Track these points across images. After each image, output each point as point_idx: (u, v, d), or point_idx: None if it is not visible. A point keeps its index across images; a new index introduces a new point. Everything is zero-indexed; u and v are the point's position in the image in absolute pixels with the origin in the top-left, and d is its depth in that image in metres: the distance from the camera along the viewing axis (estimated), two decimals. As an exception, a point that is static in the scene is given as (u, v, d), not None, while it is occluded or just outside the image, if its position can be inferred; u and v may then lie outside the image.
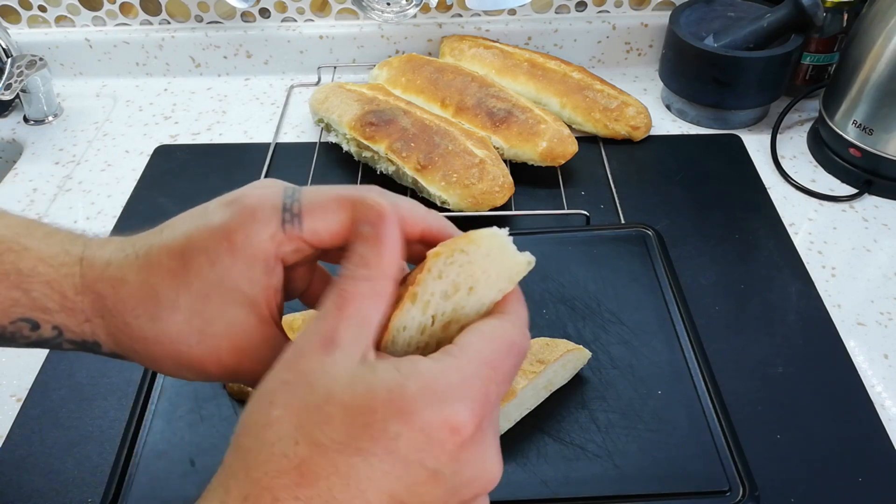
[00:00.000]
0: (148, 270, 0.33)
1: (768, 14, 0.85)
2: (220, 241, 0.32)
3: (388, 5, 0.92)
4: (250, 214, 0.32)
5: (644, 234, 0.71)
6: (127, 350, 0.34)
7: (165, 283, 0.32)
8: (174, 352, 0.33)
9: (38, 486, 0.54)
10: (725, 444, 0.54)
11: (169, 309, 0.32)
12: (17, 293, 0.32)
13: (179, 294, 0.32)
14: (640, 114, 0.87)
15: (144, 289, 0.32)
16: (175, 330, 0.32)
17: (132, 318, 0.33)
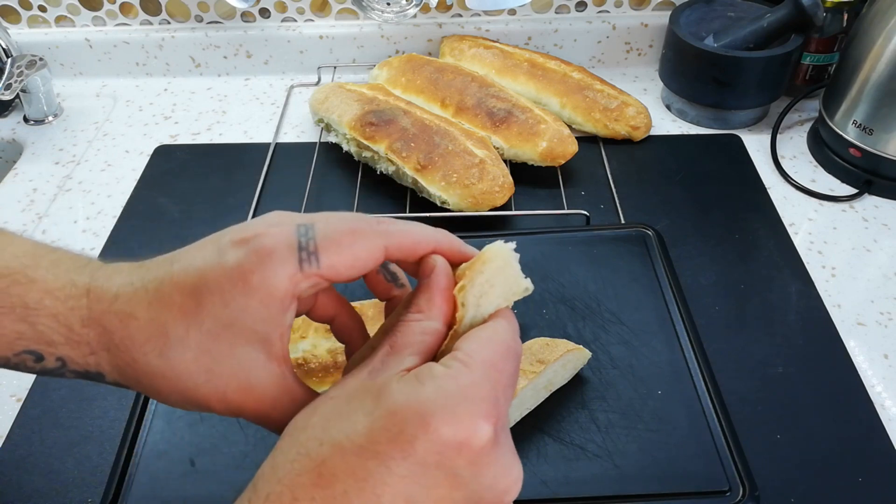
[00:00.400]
0: (158, 307, 0.32)
1: (768, 14, 0.85)
2: (236, 282, 0.32)
3: (388, 5, 0.92)
4: (267, 255, 0.32)
5: (644, 234, 0.71)
6: (131, 382, 0.33)
7: (176, 320, 0.32)
8: (181, 388, 0.32)
9: (38, 486, 0.54)
10: (725, 444, 0.54)
11: (178, 347, 0.32)
12: (22, 326, 0.32)
13: (190, 332, 0.32)
14: (640, 114, 0.87)
15: (154, 325, 0.32)
16: (183, 367, 0.32)
17: (140, 353, 0.32)
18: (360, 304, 0.61)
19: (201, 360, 0.32)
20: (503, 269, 0.36)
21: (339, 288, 0.39)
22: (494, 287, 0.36)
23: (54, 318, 0.32)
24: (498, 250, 0.36)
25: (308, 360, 0.57)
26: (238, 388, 0.33)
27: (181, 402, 0.33)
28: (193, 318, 0.32)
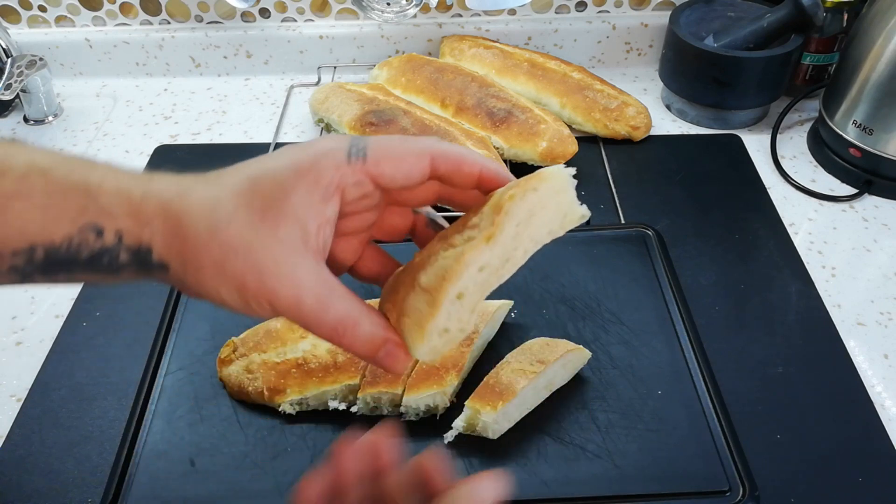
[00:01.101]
0: (214, 185, 0.34)
1: (768, 14, 0.85)
2: (288, 170, 0.33)
3: (388, 5, 0.92)
4: (320, 151, 0.34)
5: (644, 234, 0.71)
6: (175, 257, 0.33)
7: (228, 197, 0.33)
8: (220, 260, 0.33)
9: (38, 486, 0.54)
10: (725, 444, 0.54)
11: (226, 218, 0.33)
12: (86, 200, 0.32)
13: (239, 208, 0.33)
14: (640, 114, 0.87)
15: (207, 199, 0.33)
16: (226, 238, 0.33)
17: (189, 221, 0.33)
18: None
19: (245, 235, 0.32)
20: (559, 192, 0.35)
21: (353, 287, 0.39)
22: (547, 209, 0.34)
23: (116, 191, 0.33)
24: (556, 172, 0.34)
25: (308, 360, 0.57)
26: (274, 270, 0.33)
27: (217, 281, 0.33)
28: (244, 196, 0.33)
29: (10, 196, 0.32)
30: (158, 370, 0.60)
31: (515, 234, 0.33)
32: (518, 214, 0.33)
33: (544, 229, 0.35)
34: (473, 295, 0.33)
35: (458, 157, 0.35)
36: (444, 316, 0.32)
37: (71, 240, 0.32)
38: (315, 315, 0.33)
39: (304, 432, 0.56)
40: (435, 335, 0.33)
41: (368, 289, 0.62)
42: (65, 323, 0.67)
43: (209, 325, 0.64)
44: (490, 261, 0.33)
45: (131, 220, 0.33)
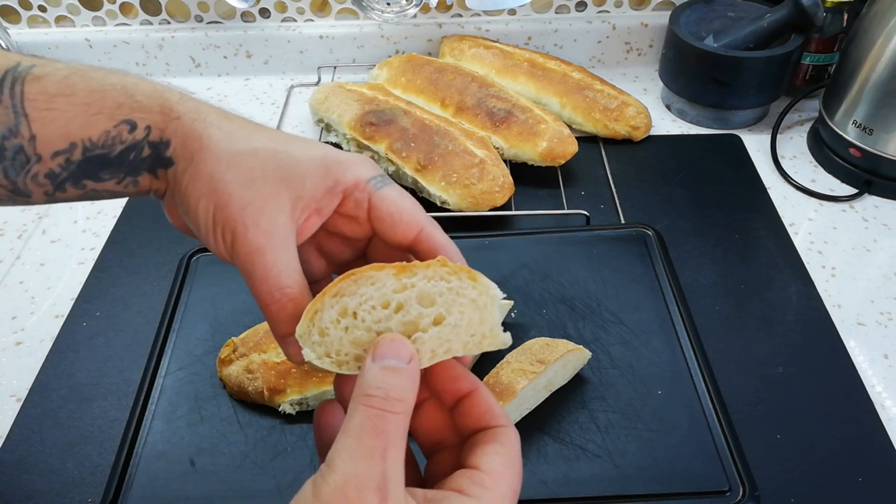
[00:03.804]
0: (245, 130, 0.36)
1: (768, 14, 0.85)
2: (317, 157, 0.36)
3: (388, 5, 0.92)
4: (352, 160, 0.37)
5: (644, 234, 0.71)
6: (184, 156, 0.35)
7: (252, 133, 0.36)
8: (219, 176, 0.34)
9: (38, 486, 0.54)
10: (725, 444, 0.54)
11: (241, 142, 0.35)
12: (123, 97, 0.34)
13: (256, 148, 0.35)
14: (640, 114, 0.87)
15: (227, 127, 0.36)
16: (236, 167, 0.34)
17: (210, 141, 0.35)
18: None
19: (241, 171, 0.34)
20: (483, 306, 0.34)
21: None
22: (464, 320, 0.34)
23: (151, 91, 0.35)
24: (487, 285, 0.35)
25: (308, 360, 0.57)
26: (259, 215, 0.34)
27: (202, 192, 0.34)
28: (268, 142, 0.36)
29: (54, 95, 0.33)
30: (158, 370, 0.60)
31: (422, 293, 0.33)
32: (435, 285, 0.34)
33: (459, 339, 0.34)
34: (361, 330, 0.33)
35: (434, 242, 0.38)
36: (330, 306, 0.33)
37: (107, 135, 0.34)
38: (263, 271, 0.34)
39: (304, 432, 0.56)
40: (321, 317, 0.33)
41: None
42: (65, 323, 0.67)
43: (209, 325, 0.64)
44: (390, 296, 0.33)
45: (162, 116, 0.35)
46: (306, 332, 0.33)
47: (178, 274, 0.68)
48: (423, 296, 0.33)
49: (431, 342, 0.33)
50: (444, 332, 0.33)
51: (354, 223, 0.38)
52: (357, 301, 0.33)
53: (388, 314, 0.33)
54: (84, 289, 0.70)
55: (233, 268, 0.37)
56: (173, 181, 0.36)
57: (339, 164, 0.36)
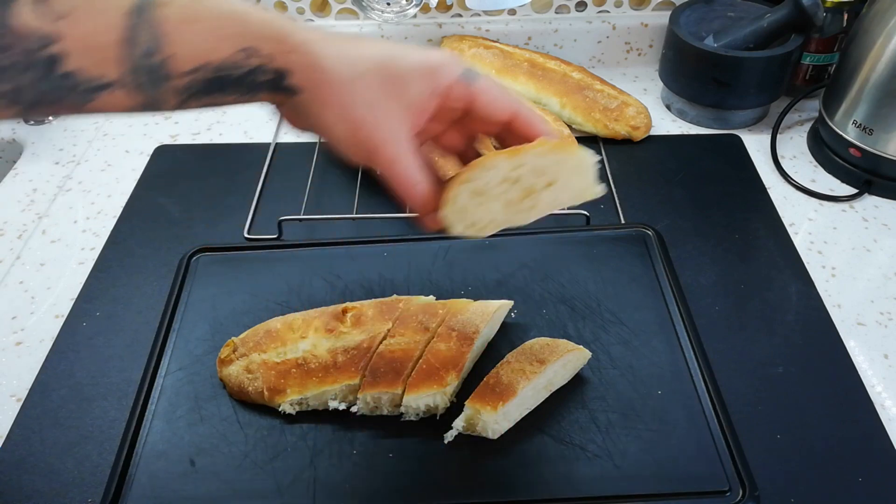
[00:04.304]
0: (354, 47, 0.41)
1: (768, 14, 0.85)
2: (417, 63, 0.42)
3: (388, 5, 0.92)
4: (443, 60, 0.43)
5: (644, 234, 0.71)
6: (308, 85, 0.40)
7: (365, 60, 0.41)
8: (347, 103, 0.40)
9: (38, 486, 0.54)
10: (725, 444, 0.54)
11: (361, 76, 0.40)
12: (241, 27, 0.38)
13: (372, 72, 0.41)
14: (640, 114, 0.87)
15: (347, 56, 0.40)
16: (359, 91, 0.40)
17: (329, 63, 0.40)
18: (360, 303, 0.61)
19: (373, 95, 0.41)
20: (581, 171, 0.44)
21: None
22: (567, 182, 0.44)
23: (262, 21, 0.38)
24: (583, 155, 0.44)
25: (308, 361, 0.57)
26: (386, 131, 0.42)
27: (337, 119, 0.41)
28: (379, 68, 0.41)
29: (182, 20, 0.36)
30: (158, 370, 0.60)
31: (534, 168, 0.43)
32: (542, 160, 0.43)
33: (565, 195, 0.45)
34: (492, 201, 0.44)
35: (530, 123, 0.45)
36: (464, 191, 0.43)
37: (230, 59, 0.38)
38: (400, 175, 0.43)
39: (304, 432, 0.56)
40: (458, 200, 0.43)
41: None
42: (65, 323, 0.67)
43: (209, 325, 0.64)
44: (508, 174, 0.43)
45: (278, 47, 0.39)
46: (450, 211, 0.43)
47: (178, 274, 0.68)
48: (535, 169, 0.44)
49: (546, 198, 0.45)
50: (554, 191, 0.45)
51: (452, 113, 0.45)
52: (483, 182, 0.43)
53: (508, 186, 0.44)
54: (84, 289, 0.70)
55: (233, 268, 0.38)
56: (300, 104, 0.41)
57: (434, 68, 0.43)
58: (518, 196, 0.44)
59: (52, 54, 0.33)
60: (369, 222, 0.76)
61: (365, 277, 0.68)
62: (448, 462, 0.54)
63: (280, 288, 0.67)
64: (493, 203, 0.44)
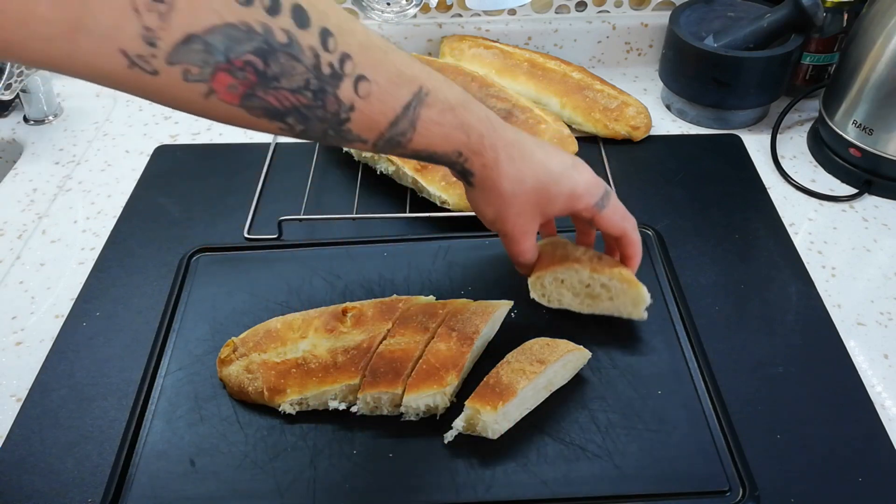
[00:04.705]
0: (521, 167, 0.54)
1: (768, 14, 0.85)
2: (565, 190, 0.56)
3: (388, 5, 0.92)
4: (587, 186, 0.57)
5: (644, 234, 0.71)
6: (480, 182, 0.54)
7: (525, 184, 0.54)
8: (497, 205, 0.55)
9: (38, 486, 0.54)
10: (725, 444, 0.54)
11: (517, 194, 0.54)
12: (465, 137, 0.50)
13: (527, 190, 0.54)
14: (640, 114, 0.87)
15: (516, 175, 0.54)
16: (511, 198, 0.55)
17: (503, 180, 0.54)
18: (360, 303, 0.61)
19: (522, 207, 0.55)
20: (636, 301, 0.61)
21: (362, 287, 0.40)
22: (624, 306, 0.62)
23: (479, 135, 0.51)
24: (643, 298, 0.61)
25: (308, 361, 0.57)
26: (520, 227, 0.57)
27: (490, 209, 0.56)
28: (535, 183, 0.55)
29: (433, 122, 0.48)
30: (158, 370, 0.60)
31: (604, 284, 0.61)
32: (613, 282, 0.61)
33: (618, 309, 0.62)
34: (568, 289, 0.62)
35: (628, 248, 0.60)
36: (550, 276, 0.62)
37: (446, 153, 0.51)
38: (518, 252, 0.59)
39: (304, 432, 0.56)
40: (544, 279, 0.62)
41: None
42: (65, 323, 0.67)
43: (209, 325, 0.64)
44: (585, 279, 0.61)
45: (477, 158, 0.52)
46: (535, 284, 0.63)
47: (178, 274, 0.68)
48: (605, 285, 0.61)
49: (605, 305, 0.62)
50: (613, 304, 0.62)
51: None
52: (565, 276, 0.62)
53: (582, 287, 0.62)
54: (84, 289, 0.70)
55: (233, 268, 0.39)
56: (470, 189, 0.56)
57: (575, 200, 0.56)
58: (585, 294, 0.62)
59: (347, 118, 0.44)
60: (369, 222, 0.76)
61: (365, 277, 0.68)
62: (448, 462, 0.54)
63: (280, 288, 0.67)
64: (566, 290, 0.62)
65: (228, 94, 0.39)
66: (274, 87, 0.40)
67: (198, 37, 0.36)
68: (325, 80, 0.41)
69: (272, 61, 0.39)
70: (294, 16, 0.39)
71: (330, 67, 0.41)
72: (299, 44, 0.39)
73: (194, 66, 0.37)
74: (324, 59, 0.40)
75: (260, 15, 0.37)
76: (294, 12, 0.39)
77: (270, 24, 0.38)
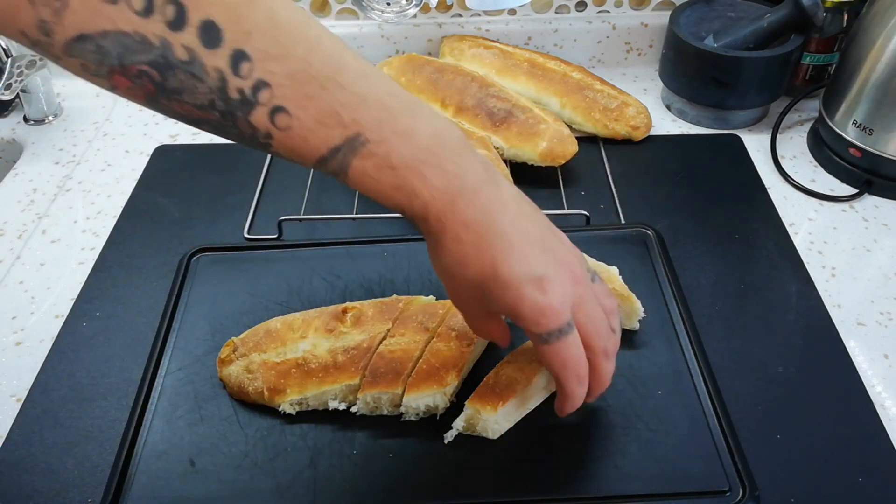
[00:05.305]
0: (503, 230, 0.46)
1: (768, 14, 0.85)
2: None
3: (388, 5, 0.92)
4: None
5: (644, 234, 0.71)
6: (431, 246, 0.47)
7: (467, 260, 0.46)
8: (443, 277, 0.48)
9: (38, 486, 0.54)
10: (725, 444, 0.54)
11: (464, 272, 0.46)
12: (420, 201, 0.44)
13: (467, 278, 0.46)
14: (640, 114, 0.87)
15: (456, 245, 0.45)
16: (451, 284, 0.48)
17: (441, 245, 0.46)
18: (361, 303, 0.61)
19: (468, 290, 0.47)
20: None
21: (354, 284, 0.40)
22: None
23: (425, 205, 0.44)
24: None
25: (308, 361, 0.57)
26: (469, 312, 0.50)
27: (445, 281, 0.48)
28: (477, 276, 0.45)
29: (366, 175, 0.42)
30: (158, 370, 0.60)
31: None
32: None
33: None
34: None
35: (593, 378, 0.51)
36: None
37: (388, 204, 0.44)
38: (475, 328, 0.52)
39: (304, 432, 0.56)
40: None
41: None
42: (65, 323, 0.67)
43: (209, 325, 0.64)
44: None
45: (424, 223, 0.45)
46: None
47: (178, 274, 0.68)
48: None
49: None
50: None
51: None
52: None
53: None
54: (84, 289, 0.70)
55: (233, 268, 0.38)
56: (429, 242, 0.47)
57: (520, 317, 0.46)
58: None
59: (267, 143, 0.41)
60: (369, 222, 0.77)
61: (365, 277, 0.68)
62: (448, 462, 0.54)
63: (280, 288, 0.67)
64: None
65: (131, 94, 0.38)
66: (176, 100, 0.38)
67: (90, 37, 0.35)
68: (232, 104, 0.38)
69: (169, 76, 0.37)
70: (202, 34, 0.36)
71: (239, 93, 0.38)
72: (202, 63, 0.37)
73: (91, 63, 0.36)
74: (231, 83, 0.37)
75: (158, 28, 0.35)
76: (202, 30, 0.36)
77: (170, 38, 0.36)
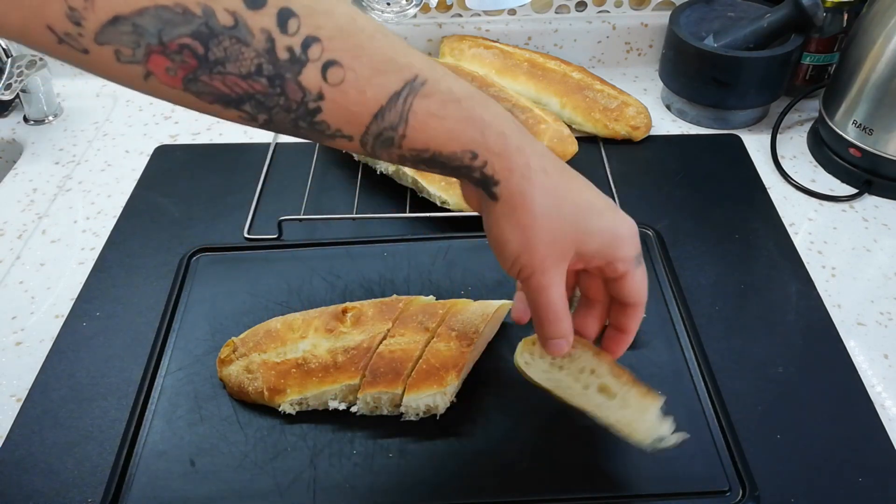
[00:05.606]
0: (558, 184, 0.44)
1: (768, 14, 0.85)
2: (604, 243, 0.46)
3: (388, 5, 0.92)
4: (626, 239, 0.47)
5: (644, 234, 0.71)
6: (507, 198, 0.43)
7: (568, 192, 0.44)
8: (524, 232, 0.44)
9: (38, 486, 0.54)
10: (725, 444, 0.54)
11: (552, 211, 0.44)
12: (478, 134, 0.41)
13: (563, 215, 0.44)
14: (640, 114, 0.87)
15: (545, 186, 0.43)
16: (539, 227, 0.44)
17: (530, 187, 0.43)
18: (361, 303, 0.61)
19: (556, 232, 0.44)
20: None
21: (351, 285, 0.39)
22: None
23: (499, 134, 0.42)
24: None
25: (308, 360, 0.57)
26: (550, 265, 0.45)
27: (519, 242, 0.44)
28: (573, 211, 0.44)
29: (430, 114, 0.40)
30: (158, 370, 0.60)
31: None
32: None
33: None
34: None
35: (637, 319, 0.50)
36: None
37: (455, 154, 0.41)
38: (545, 303, 0.46)
39: (304, 432, 0.56)
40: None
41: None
42: (65, 323, 0.67)
43: (209, 325, 0.64)
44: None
45: (500, 162, 0.42)
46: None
47: (178, 274, 0.68)
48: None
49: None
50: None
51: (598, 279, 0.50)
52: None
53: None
54: (84, 289, 0.70)
55: (233, 268, 0.38)
56: (492, 206, 0.44)
57: (618, 242, 0.46)
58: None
59: (317, 107, 0.38)
60: (369, 222, 0.76)
61: (365, 277, 0.68)
62: (448, 462, 0.54)
63: (280, 288, 0.67)
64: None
65: (167, 77, 0.36)
66: (219, 73, 0.36)
67: (126, 18, 0.34)
68: (281, 66, 0.36)
69: (214, 45, 0.35)
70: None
71: (288, 52, 0.36)
72: (248, 26, 0.35)
73: (125, 48, 0.35)
74: (280, 42, 0.36)
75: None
76: None
77: (212, 4, 0.34)
